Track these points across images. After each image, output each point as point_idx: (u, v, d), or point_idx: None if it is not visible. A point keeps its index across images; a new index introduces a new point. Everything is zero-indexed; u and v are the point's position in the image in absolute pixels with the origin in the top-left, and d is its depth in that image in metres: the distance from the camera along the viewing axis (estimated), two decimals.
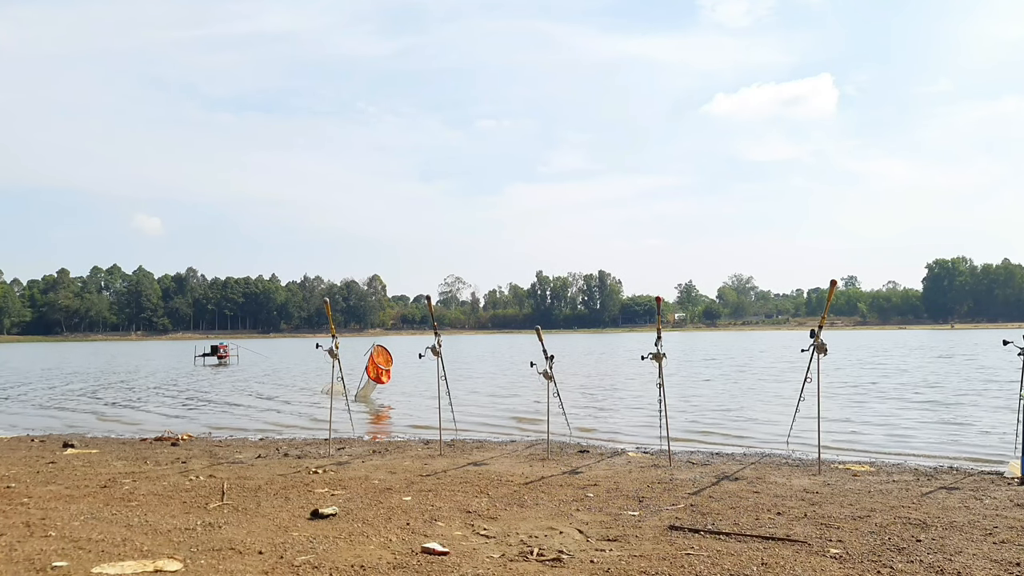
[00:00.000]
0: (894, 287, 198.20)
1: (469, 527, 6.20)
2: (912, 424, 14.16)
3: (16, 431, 15.12)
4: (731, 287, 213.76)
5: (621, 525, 6.25)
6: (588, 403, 18.92)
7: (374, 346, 21.40)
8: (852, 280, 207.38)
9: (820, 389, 8.91)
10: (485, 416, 16.52)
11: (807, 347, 8.76)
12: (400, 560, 5.24)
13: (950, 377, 25.70)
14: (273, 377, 32.78)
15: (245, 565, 5.10)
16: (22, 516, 6.58)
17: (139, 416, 18.31)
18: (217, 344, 52.88)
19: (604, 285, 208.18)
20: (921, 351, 48.58)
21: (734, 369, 33.16)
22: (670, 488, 7.86)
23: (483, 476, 8.65)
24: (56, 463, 10.02)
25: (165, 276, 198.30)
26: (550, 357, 10.22)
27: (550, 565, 5.15)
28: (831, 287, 9.58)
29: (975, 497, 7.31)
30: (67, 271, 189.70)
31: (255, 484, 8.18)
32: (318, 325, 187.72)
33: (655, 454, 10.59)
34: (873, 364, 34.47)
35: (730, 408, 17.48)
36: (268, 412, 18.65)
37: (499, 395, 22.02)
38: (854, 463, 9.61)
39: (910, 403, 17.82)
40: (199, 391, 25.73)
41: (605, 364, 39.17)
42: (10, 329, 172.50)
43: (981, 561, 5.16)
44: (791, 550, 5.44)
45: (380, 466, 9.45)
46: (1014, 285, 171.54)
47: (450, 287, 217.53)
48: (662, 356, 9.56)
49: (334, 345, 11.04)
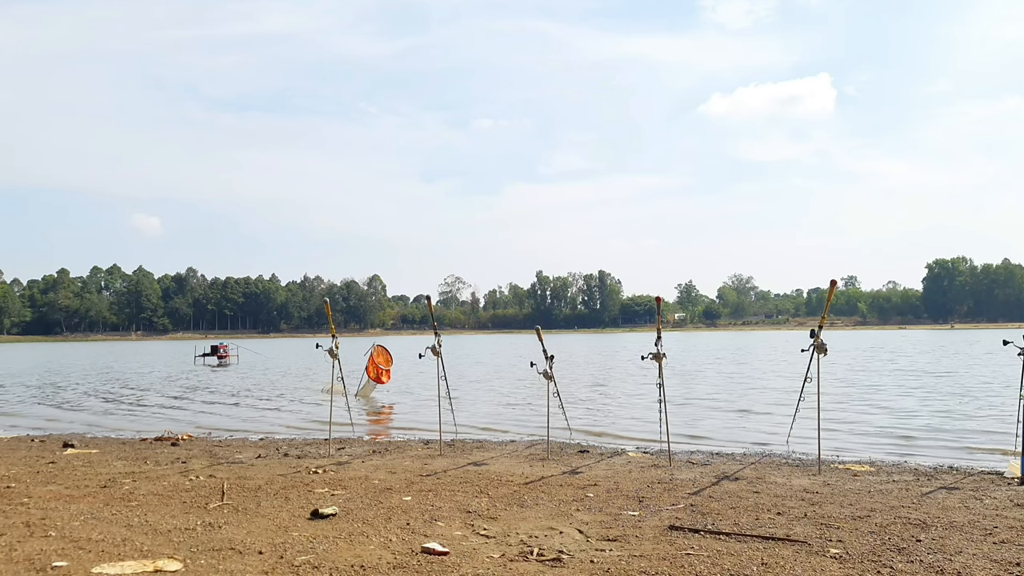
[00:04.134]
0: (894, 287, 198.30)
1: (469, 527, 6.20)
2: (912, 424, 14.16)
3: (16, 431, 15.12)
4: (731, 287, 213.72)
5: (621, 525, 6.25)
6: (588, 403, 18.92)
7: (374, 346, 21.41)
8: (852, 280, 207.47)
9: (820, 389, 8.91)
10: (485, 416, 16.52)
11: (807, 347, 8.76)
12: (400, 560, 5.24)
13: (950, 377, 25.70)
14: (273, 377, 32.77)
15: (245, 565, 5.10)
16: (22, 516, 6.58)
17: (139, 416, 18.31)
18: (217, 344, 52.90)
19: (604, 285, 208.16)
20: (921, 351, 48.57)
21: (734, 369, 33.16)
22: (670, 488, 7.86)
23: (483, 476, 8.65)
24: (56, 463, 10.02)
25: (165, 276, 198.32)
26: (550, 357, 10.22)
27: (550, 565, 5.15)
28: (831, 287, 9.58)
29: (975, 497, 7.30)
30: (67, 271, 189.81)
31: (255, 484, 8.18)
32: (318, 325, 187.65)
33: (655, 454, 10.59)
34: (873, 364, 34.47)
35: (730, 408, 17.47)
36: (268, 412, 18.65)
37: (499, 395, 22.00)
38: (854, 463, 9.61)
39: (910, 403, 17.81)
40: (199, 391, 25.72)
41: (605, 364, 39.16)
42: (10, 329, 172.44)
43: (981, 561, 5.15)
44: (791, 550, 5.44)
45: (380, 466, 9.44)
46: (1014, 285, 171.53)
47: (450, 287, 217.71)
48: (662, 356, 9.55)
49: (334, 345, 11.03)
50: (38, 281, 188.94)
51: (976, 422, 14.20)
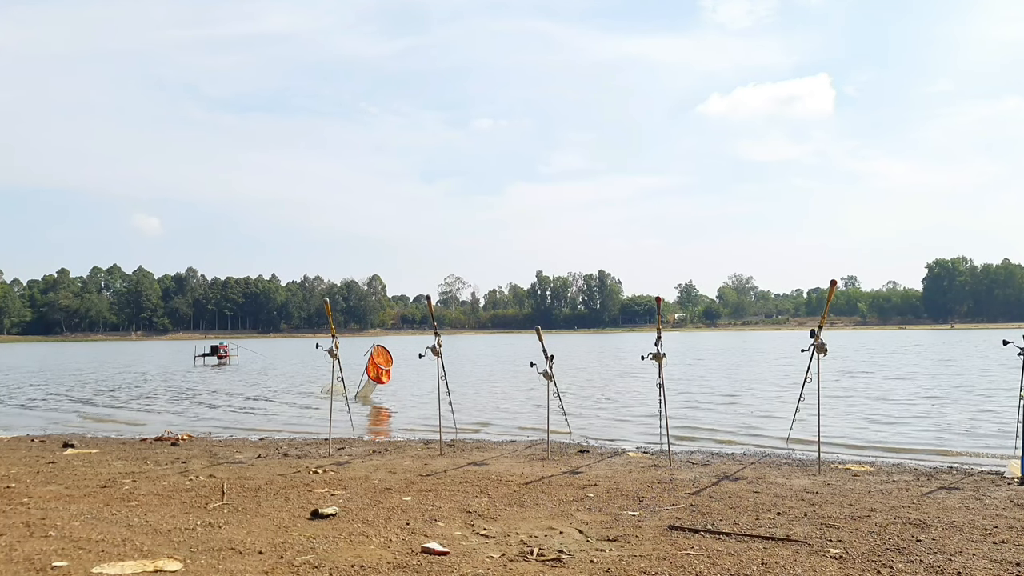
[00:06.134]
0: (894, 287, 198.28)
1: (469, 527, 6.20)
2: (912, 424, 14.15)
3: (16, 431, 15.11)
4: (731, 287, 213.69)
5: (621, 525, 6.25)
6: (588, 403, 18.92)
7: (374, 346, 21.40)
8: (852, 280, 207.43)
9: (820, 389, 8.91)
10: (485, 416, 16.51)
11: (807, 347, 8.76)
12: (400, 560, 5.24)
13: (950, 377, 25.70)
14: (273, 377, 32.77)
15: (245, 565, 5.09)
16: (22, 516, 6.58)
17: (139, 416, 18.31)
18: (217, 344, 52.90)
19: (604, 285, 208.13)
20: (921, 351, 48.56)
21: (734, 369, 33.16)
22: (670, 488, 7.86)
23: (483, 476, 8.65)
24: (56, 463, 10.02)
25: (165, 276, 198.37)
26: (550, 357, 10.22)
27: (550, 565, 5.15)
28: (831, 287, 9.58)
29: (975, 497, 7.30)
30: (67, 271, 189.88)
31: (255, 484, 8.18)
32: (318, 325, 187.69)
33: (655, 454, 10.59)
34: (873, 364, 34.46)
35: (730, 408, 17.47)
36: (268, 412, 18.65)
37: (499, 395, 22.00)
38: (854, 463, 9.61)
39: (910, 403, 17.81)
40: (199, 391, 25.72)
41: (605, 364, 39.16)
42: (10, 329, 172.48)
43: (981, 561, 5.15)
44: (791, 550, 5.44)
45: (380, 466, 9.44)
46: (1014, 285, 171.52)
47: (450, 287, 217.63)
48: (662, 356, 9.56)
49: (334, 345, 11.04)
50: (38, 281, 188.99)
51: (976, 422, 14.20)
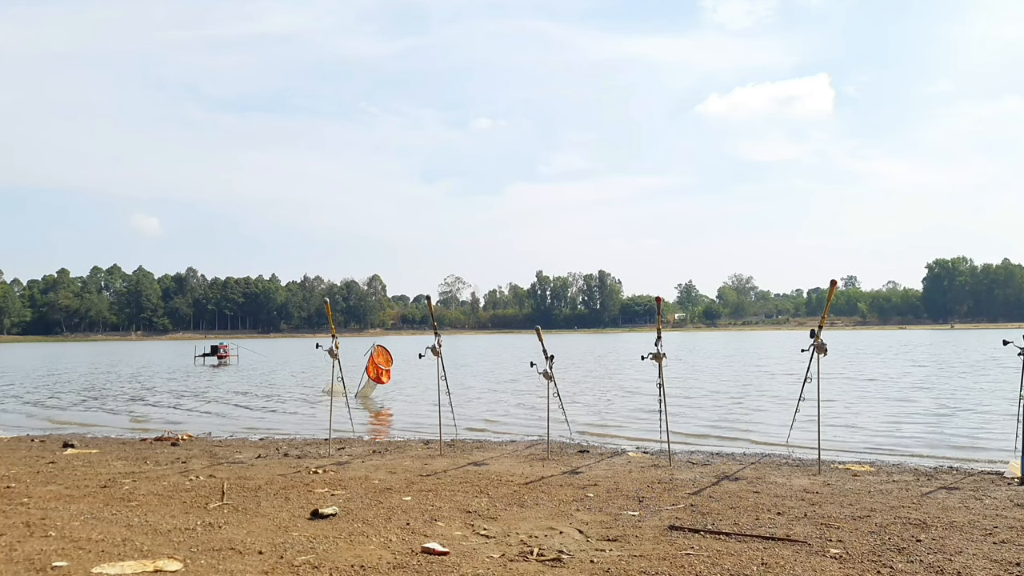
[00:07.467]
0: (894, 287, 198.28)
1: (469, 527, 6.20)
2: (912, 424, 14.16)
3: (16, 431, 15.11)
4: (731, 287, 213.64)
5: (621, 525, 6.25)
6: (588, 403, 18.92)
7: (374, 346, 21.40)
8: (852, 280, 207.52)
9: (820, 389, 8.91)
10: (485, 416, 16.52)
11: (807, 347, 8.76)
12: (400, 560, 5.24)
13: (950, 377, 25.71)
14: (273, 377, 32.77)
15: (245, 565, 5.09)
16: (22, 516, 6.58)
17: (139, 416, 18.30)
18: (217, 344, 52.94)
19: (604, 285, 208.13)
20: (921, 351, 48.56)
21: (734, 369, 33.15)
22: (670, 488, 7.86)
23: (483, 476, 8.65)
24: (56, 463, 10.02)
25: (165, 276, 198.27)
26: (550, 357, 10.22)
27: (550, 565, 5.15)
28: (831, 287, 9.58)
29: (975, 497, 7.30)
30: (67, 271, 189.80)
31: (255, 484, 8.18)
32: (318, 325, 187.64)
33: (655, 454, 10.59)
34: (873, 364, 34.45)
35: (730, 408, 17.47)
36: (268, 412, 18.65)
37: (499, 395, 22.01)
38: (854, 463, 9.61)
39: (910, 403, 17.81)
40: (199, 391, 25.73)
41: (605, 364, 39.16)
42: (10, 329, 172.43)
43: (981, 561, 5.15)
44: (791, 550, 5.44)
45: (380, 466, 9.44)
46: (1014, 285, 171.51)
47: (450, 287, 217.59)
48: (662, 356, 9.56)
49: (334, 345, 11.03)
50: (38, 281, 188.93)
51: (977, 422, 14.20)
